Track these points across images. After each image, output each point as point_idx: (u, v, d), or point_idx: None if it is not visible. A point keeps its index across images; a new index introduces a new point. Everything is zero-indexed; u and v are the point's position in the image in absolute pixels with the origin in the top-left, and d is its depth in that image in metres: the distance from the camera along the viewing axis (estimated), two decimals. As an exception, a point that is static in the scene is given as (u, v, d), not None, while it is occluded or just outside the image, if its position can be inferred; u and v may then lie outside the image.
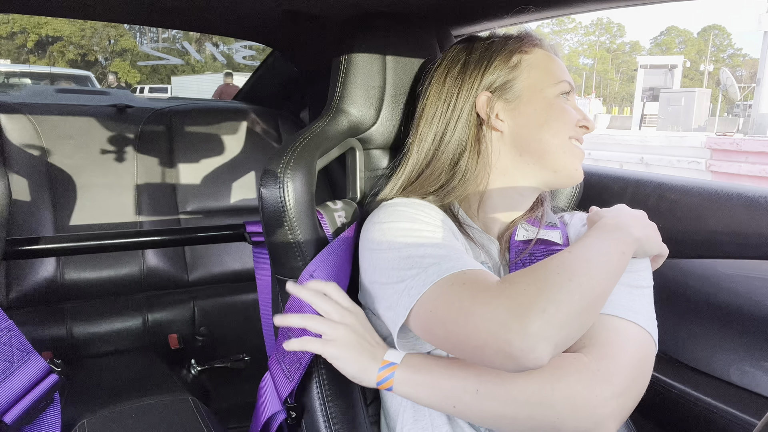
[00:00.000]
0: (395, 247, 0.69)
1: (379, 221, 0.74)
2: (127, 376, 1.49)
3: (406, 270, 0.66)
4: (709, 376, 0.95)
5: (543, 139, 0.78)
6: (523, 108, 0.79)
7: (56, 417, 0.90)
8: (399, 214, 0.73)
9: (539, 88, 0.79)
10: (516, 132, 0.80)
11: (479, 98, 0.80)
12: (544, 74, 0.80)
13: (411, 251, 0.67)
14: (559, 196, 1.02)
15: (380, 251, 0.71)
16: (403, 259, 0.67)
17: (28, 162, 1.66)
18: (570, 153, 0.79)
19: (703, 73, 46.56)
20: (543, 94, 0.79)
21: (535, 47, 0.82)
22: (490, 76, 0.80)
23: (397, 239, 0.70)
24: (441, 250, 0.66)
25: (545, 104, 0.79)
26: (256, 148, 1.97)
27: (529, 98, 0.79)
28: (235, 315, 1.76)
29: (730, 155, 7.19)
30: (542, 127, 0.78)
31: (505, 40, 0.83)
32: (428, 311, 0.62)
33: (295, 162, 0.83)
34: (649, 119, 15.73)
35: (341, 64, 0.94)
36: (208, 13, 1.37)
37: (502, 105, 0.80)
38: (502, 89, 0.80)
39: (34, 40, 26.66)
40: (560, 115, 0.78)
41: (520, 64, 0.81)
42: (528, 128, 0.79)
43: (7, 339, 0.87)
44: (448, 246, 0.67)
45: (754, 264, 0.87)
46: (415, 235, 0.69)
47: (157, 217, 1.78)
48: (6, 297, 1.55)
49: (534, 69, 0.80)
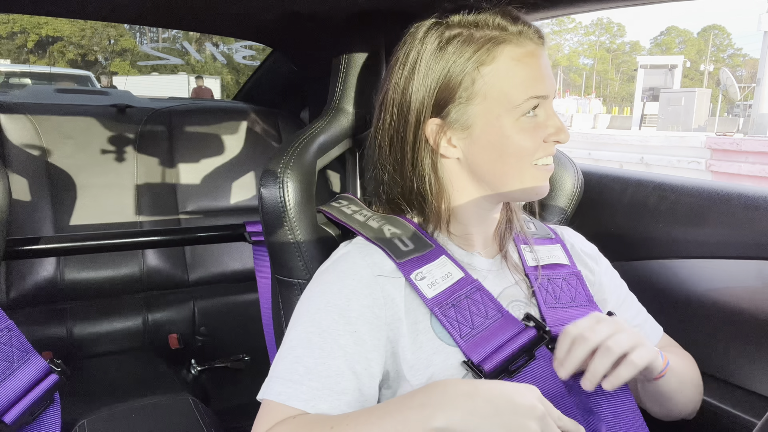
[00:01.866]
0: (302, 323, 0.69)
1: (324, 271, 0.74)
2: (127, 376, 1.49)
3: (281, 359, 0.68)
4: (709, 376, 0.95)
5: (498, 170, 0.72)
6: (477, 137, 0.71)
7: (56, 417, 0.90)
8: (330, 288, 0.71)
9: (496, 114, 0.69)
10: (471, 161, 0.73)
11: (427, 126, 0.72)
12: (503, 96, 0.69)
13: (298, 351, 0.67)
14: (559, 196, 1.02)
15: (299, 309, 0.72)
16: (291, 347, 0.68)
17: (28, 162, 1.66)
18: (531, 178, 0.72)
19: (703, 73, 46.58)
20: (500, 122, 0.69)
21: (501, 45, 0.69)
22: (438, 100, 0.71)
23: (306, 319, 0.69)
24: (311, 371, 0.65)
25: (501, 135, 0.69)
26: (256, 148, 1.97)
27: (483, 127, 0.70)
28: (235, 315, 1.76)
29: (730, 155, 7.18)
30: (497, 159, 0.71)
31: (463, 41, 0.70)
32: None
33: (295, 162, 0.83)
34: (649, 119, 15.74)
35: (341, 64, 0.94)
36: (208, 13, 1.37)
37: (454, 132, 0.72)
38: (453, 118, 0.71)
39: (34, 40, 26.67)
40: (520, 143, 0.70)
41: (475, 83, 0.69)
42: (483, 159, 0.72)
43: (7, 339, 0.87)
44: (323, 367, 0.65)
45: (754, 264, 0.87)
46: (317, 330, 0.67)
47: (157, 217, 1.78)
48: (6, 297, 1.55)
49: (492, 88, 0.69)
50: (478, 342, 0.68)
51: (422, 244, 0.74)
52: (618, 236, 1.08)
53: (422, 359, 0.69)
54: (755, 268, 0.87)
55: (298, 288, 0.84)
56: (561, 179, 1.01)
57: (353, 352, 0.66)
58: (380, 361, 0.69)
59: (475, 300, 0.71)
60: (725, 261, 0.92)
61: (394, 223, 0.78)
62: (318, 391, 0.64)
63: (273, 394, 0.65)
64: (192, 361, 1.68)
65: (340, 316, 0.68)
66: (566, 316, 0.76)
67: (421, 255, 0.73)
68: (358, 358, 0.66)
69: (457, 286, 0.71)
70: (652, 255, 1.03)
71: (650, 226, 1.03)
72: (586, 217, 1.06)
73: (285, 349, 0.68)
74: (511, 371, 0.67)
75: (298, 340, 0.68)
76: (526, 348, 0.68)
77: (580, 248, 0.89)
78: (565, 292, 0.79)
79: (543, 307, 0.76)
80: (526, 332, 0.69)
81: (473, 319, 0.69)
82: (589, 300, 0.80)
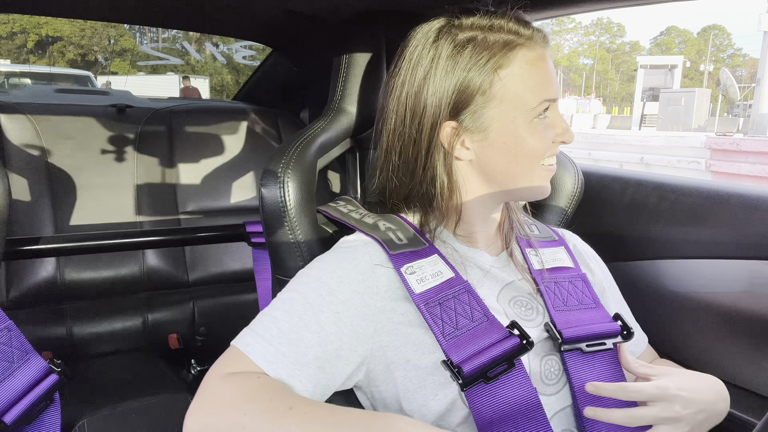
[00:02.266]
0: (290, 290, 0.71)
1: (325, 254, 0.76)
2: (127, 376, 1.49)
3: (262, 315, 0.70)
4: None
5: (511, 171, 0.74)
6: (492, 140, 0.72)
7: (56, 417, 0.90)
8: (326, 268, 0.73)
9: (511, 117, 0.71)
10: (483, 162, 0.74)
11: (443, 129, 0.73)
12: (519, 99, 0.70)
13: (278, 313, 0.69)
14: (559, 196, 1.02)
15: (293, 280, 0.73)
16: (274, 307, 0.70)
17: (28, 162, 1.66)
18: (538, 178, 0.75)
19: (703, 73, 46.59)
20: (515, 125, 0.71)
21: (516, 50, 0.70)
22: (456, 104, 0.72)
23: (295, 287, 0.71)
24: (283, 334, 0.67)
25: (516, 136, 0.71)
26: (256, 148, 1.97)
27: (499, 130, 0.72)
28: (235, 315, 1.76)
29: (730, 155, 7.18)
30: (512, 160, 0.73)
31: (479, 45, 0.70)
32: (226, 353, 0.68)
33: (296, 162, 0.83)
34: (649, 119, 15.75)
35: (341, 64, 0.94)
36: (208, 13, 1.37)
37: (469, 135, 0.73)
38: (470, 121, 0.72)
39: (34, 40, 26.66)
40: (533, 145, 0.72)
41: (492, 87, 0.70)
42: (496, 160, 0.73)
43: (7, 339, 0.87)
44: (296, 336, 0.67)
45: (754, 264, 0.87)
46: (302, 299, 0.69)
47: (157, 217, 1.78)
48: (6, 297, 1.55)
49: (508, 92, 0.70)
50: (459, 343, 0.68)
51: (416, 241, 0.75)
52: (618, 236, 1.08)
53: (402, 353, 0.70)
54: (755, 268, 0.87)
55: (298, 288, 0.84)
56: (561, 179, 1.02)
57: (330, 332, 0.68)
58: (356, 348, 0.70)
59: (461, 301, 0.71)
60: (725, 261, 0.92)
61: (389, 219, 0.79)
62: (283, 356, 0.65)
63: (241, 344, 0.67)
64: (192, 361, 1.68)
65: (327, 293, 0.69)
66: (574, 319, 0.76)
67: (413, 250, 0.74)
68: (333, 338, 0.68)
69: (446, 285, 0.72)
70: (652, 255, 1.03)
71: (650, 226, 1.03)
72: (586, 217, 1.06)
73: (268, 308, 0.71)
74: (489, 377, 0.67)
75: (282, 302, 0.70)
76: (506, 356, 0.68)
77: (582, 249, 0.90)
78: (572, 295, 0.80)
79: (552, 310, 0.77)
80: (509, 340, 0.69)
81: (458, 320, 0.69)
82: (595, 302, 0.80)
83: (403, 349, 0.70)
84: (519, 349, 0.68)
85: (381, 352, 0.71)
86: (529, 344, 0.69)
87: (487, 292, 0.76)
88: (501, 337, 0.69)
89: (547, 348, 0.75)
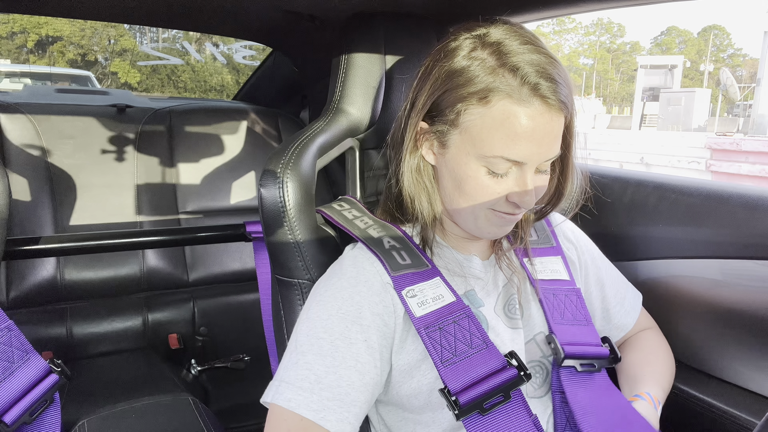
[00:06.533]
0: (313, 327, 0.69)
1: (333, 275, 0.74)
2: (127, 376, 1.49)
3: (292, 363, 0.67)
4: (710, 376, 0.95)
5: (455, 201, 0.72)
6: (447, 161, 0.71)
7: (56, 417, 0.90)
8: (342, 295, 0.70)
9: (466, 151, 0.68)
10: (439, 177, 0.74)
11: (419, 125, 0.72)
12: (478, 142, 0.66)
13: (309, 357, 0.67)
14: (559, 196, 1.02)
15: (309, 313, 0.71)
16: (302, 352, 0.68)
17: (28, 162, 1.66)
18: (485, 220, 0.72)
19: (703, 73, 46.56)
20: (467, 160, 0.68)
21: (504, 99, 0.64)
22: (434, 108, 0.71)
23: (317, 324, 0.69)
24: (321, 380, 0.65)
25: (464, 172, 0.69)
26: (256, 148, 1.97)
27: (454, 156, 0.70)
28: (235, 315, 1.76)
29: (730, 155, 7.18)
30: (456, 190, 0.71)
31: (475, 74, 0.66)
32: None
33: (295, 162, 0.83)
34: (649, 119, 15.74)
35: (341, 64, 0.94)
36: (208, 13, 1.37)
37: (434, 144, 0.73)
38: (438, 131, 0.71)
39: (34, 40, 26.63)
40: (475, 190, 0.69)
41: (461, 116, 0.67)
42: (446, 183, 0.73)
43: (7, 339, 0.88)
44: (335, 376, 0.65)
45: (754, 264, 0.87)
46: (328, 336, 0.67)
47: (157, 217, 1.78)
48: (6, 297, 1.55)
49: (474, 128, 0.67)
50: (457, 369, 0.68)
51: (419, 262, 0.75)
52: (618, 236, 1.08)
53: (406, 369, 0.71)
54: (755, 268, 0.87)
55: (298, 288, 0.84)
56: (561, 179, 1.01)
57: (365, 362, 0.67)
58: (385, 368, 0.70)
59: (461, 326, 0.71)
60: (725, 261, 0.92)
61: (393, 234, 0.78)
62: (328, 402, 0.64)
63: (283, 401, 0.65)
64: (192, 361, 1.68)
65: (352, 323, 0.68)
66: (570, 333, 0.78)
67: (416, 272, 0.73)
68: (369, 367, 0.67)
69: (446, 309, 0.71)
70: (652, 255, 1.03)
71: (650, 226, 1.03)
72: (586, 217, 1.06)
73: (295, 354, 0.68)
74: (485, 409, 0.67)
75: (309, 345, 0.68)
76: (503, 387, 0.68)
77: (573, 236, 0.91)
78: (568, 309, 0.81)
79: (551, 322, 0.78)
80: (507, 371, 0.69)
81: (456, 345, 0.69)
82: (587, 320, 0.82)
83: (407, 362, 0.72)
84: (517, 381, 0.69)
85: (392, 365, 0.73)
86: (526, 376, 0.69)
87: (486, 301, 0.77)
88: (499, 366, 0.69)
89: (534, 353, 0.78)
